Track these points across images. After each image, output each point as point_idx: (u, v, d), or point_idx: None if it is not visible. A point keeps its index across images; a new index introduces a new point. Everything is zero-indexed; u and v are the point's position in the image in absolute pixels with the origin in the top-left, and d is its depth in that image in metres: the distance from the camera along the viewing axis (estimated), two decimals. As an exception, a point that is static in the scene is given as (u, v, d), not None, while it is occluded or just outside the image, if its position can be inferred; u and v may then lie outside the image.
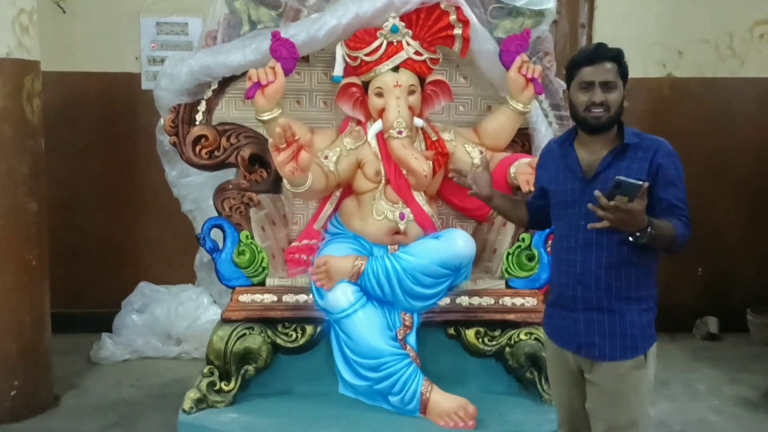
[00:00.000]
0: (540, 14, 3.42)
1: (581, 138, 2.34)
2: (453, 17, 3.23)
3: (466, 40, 3.26)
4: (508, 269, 3.29)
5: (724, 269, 5.18)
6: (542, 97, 3.48)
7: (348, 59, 3.28)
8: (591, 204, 2.05)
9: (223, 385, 3.19)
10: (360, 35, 3.22)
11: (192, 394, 3.17)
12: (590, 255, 2.25)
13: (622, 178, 2.02)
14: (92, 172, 4.89)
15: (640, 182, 2.01)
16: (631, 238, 2.10)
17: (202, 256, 3.78)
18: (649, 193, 2.10)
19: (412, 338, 3.21)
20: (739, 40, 5.03)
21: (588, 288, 2.26)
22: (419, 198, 3.30)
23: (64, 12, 4.72)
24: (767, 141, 5.05)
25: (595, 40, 4.93)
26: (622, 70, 2.28)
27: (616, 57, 2.27)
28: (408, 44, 3.23)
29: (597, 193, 2.02)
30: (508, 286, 3.31)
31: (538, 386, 3.26)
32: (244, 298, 3.21)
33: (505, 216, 2.77)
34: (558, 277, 2.36)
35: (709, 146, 5.01)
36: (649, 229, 2.06)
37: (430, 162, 3.24)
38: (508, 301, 3.29)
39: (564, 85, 3.57)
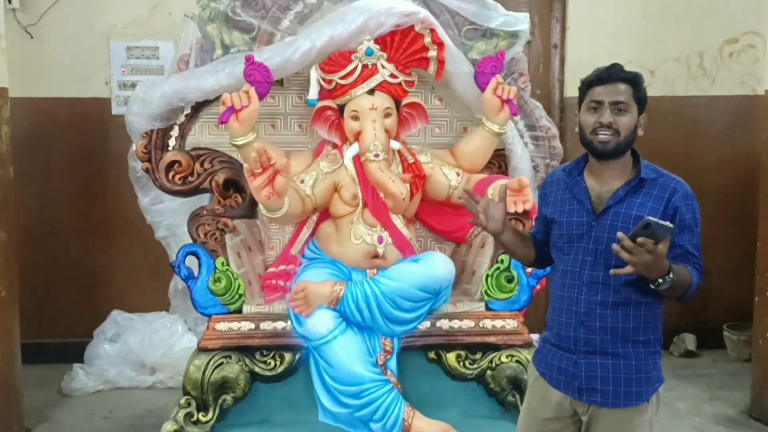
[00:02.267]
0: (514, 35, 3.42)
1: (591, 166, 2.22)
2: (427, 39, 3.23)
3: (441, 62, 3.25)
4: (488, 291, 3.27)
5: (701, 286, 5.17)
6: (518, 117, 3.47)
7: (323, 82, 3.26)
8: (615, 245, 1.89)
9: (200, 415, 3.12)
10: (334, 58, 3.20)
11: (168, 426, 3.09)
12: (596, 294, 2.13)
13: (652, 219, 1.87)
14: (63, 200, 4.81)
15: (671, 225, 1.89)
16: (652, 285, 1.97)
17: (176, 283, 3.73)
18: None
19: (392, 363, 3.17)
20: (709, 59, 5.10)
21: (592, 330, 2.14)
22: (397, 221, 3.27)
23: (32, 37, 4.66)
24: (739, 158, 5.11)
25: (568, 60, 5.02)
26: (638, 95, 2.16)
27: (632, 79, 2.16)
28: (383, 67, 3.21)
29: (620, 234, 1.88)
30: (487, 308, 3.28)
31: (521, 409, 3.23)
32: (221, 326, 3.15)
33: (510, 253, 2.57)
34: (558, 314, 2.23)
35: (681, 163, 4.99)
36: (671, 275, 1.94)
37: (408, 185, 3.21)
38: (488, 323, 3.26)
39: (539, 105, 3.60)
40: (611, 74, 2.15)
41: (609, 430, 2.15)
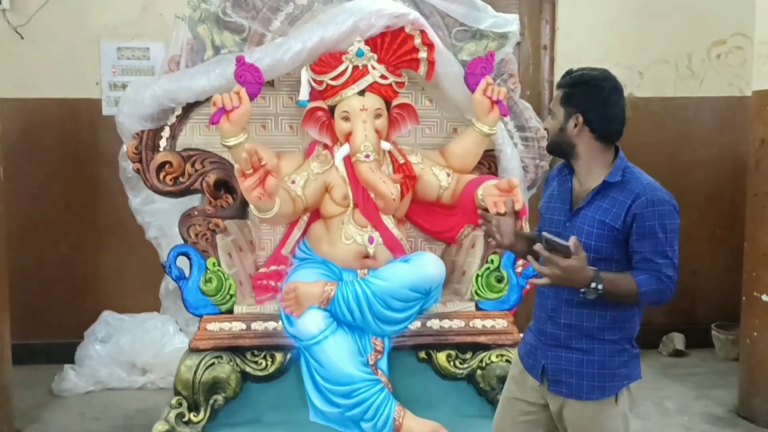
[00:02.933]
0: (504, 37, 3.44)
1: (576, 167, 2.28)
2: (418, 41, 3.24)
3: (431, 63, 3.27)
4: (478, 291, 3.29)
5: (689, 286, 5.22)
6: (507, 118, 3.50)
7: (313, 83, 3.27)
8: (530, 256, 2.03)
9: (191, 416, 3.13)
10: (325, 59, 3.21)
11: (160, 427, 3.10)
12: (563, 291, 2.19)
13: (548, 236, 1.98)
14: (53, 200, 4.80)
15: (567, 243, 1.96)
16: (580, 294, 2.06)
17: (167, 283, 3.73)
18: (625, 242, 2.10)
19: (383, 363, 3.18)
20: (697, 60, 5.13)
21: (557, 325, 2.22)
22: (388, 221, 3.28)
23: (22, 38, 4.65)
24: (727, 159, 5.15)
25: (557, 61, 5.05)
26: (566, 97, 2.22)
27: (564, 84, 2.25)
28: (373, 68, 3.23)
29: (536, 246, 2.00)
30: (477, 308, 3.30)
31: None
32: (212, 326, 3.16)
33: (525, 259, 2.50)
34: (535, 307, 2.35)
35: (670, 164, 5.09)
36: (597, 285, 2.01)
37: (398, 185, 3.23)
38: (478, 323, 3.28)
39: (529, 106, 3.63)
40: (560, 81, 2.28)
41: (577, 420, 2.22)
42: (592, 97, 2.19)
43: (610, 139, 2.22)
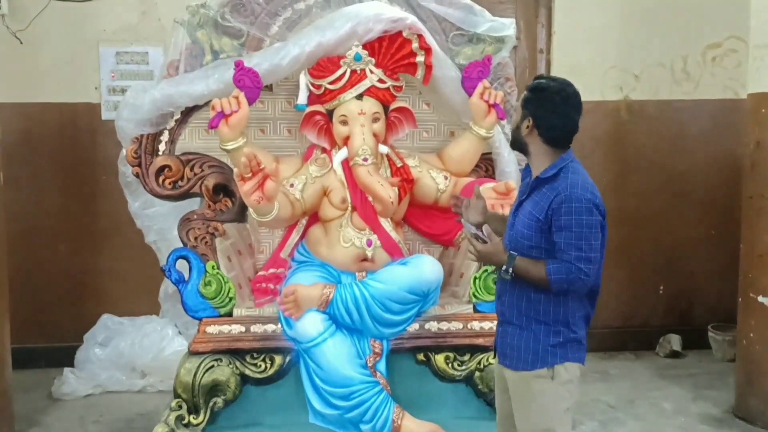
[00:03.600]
0: (500, 41, 3.47)
1: None
2: (415, 45, 3.27)
3: (428, 67, 3.29)
4: (476, 293, 3.31)
5: (686, 287, 5.26)
6: (504, 122, 3.51)
7: (312, 87, 3.29)
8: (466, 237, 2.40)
9: (191, 418, 3.15)
10: (323, 64, 3.24)
11: (160, 429, 3.12)
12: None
13: (462, 220, 2.41)
14: (52, 204, 4.81)
15: (476, 232, 2.39)
16: (500, 274, 2.38)
17: (166, 287, 3.74)
18: (549, 233, 2.33)
19: (382, 365, 3.20)
20: (693, 64, 5.15)
21: (503, 304, 2.47)
22: (386, 224, 3.30)
23: (21, 42, 4.66)
24: (722, 160, 5.17)
25: (554, 65, 5.06)
26: (526, 101, 2.43)
27: (528, 87, 2.45)
28: (371, 72, 3.25)
29: (464, 233, 2.36)
30: (475, 310, 3.32)
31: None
32: (212, 329, 3.17)
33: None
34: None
35: (666, 166, 5.12)
36: (508, 269, 2.33)
37: (396, 188, 3.25)
38: (476, 325, 3.30)
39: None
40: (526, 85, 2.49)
41: (515, 391, 2.46)
42: (543, 105, 2.40)
43: (556, 144, 2.41)
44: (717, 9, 5.08)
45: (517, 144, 2.50)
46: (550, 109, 2.37)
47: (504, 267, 2.33)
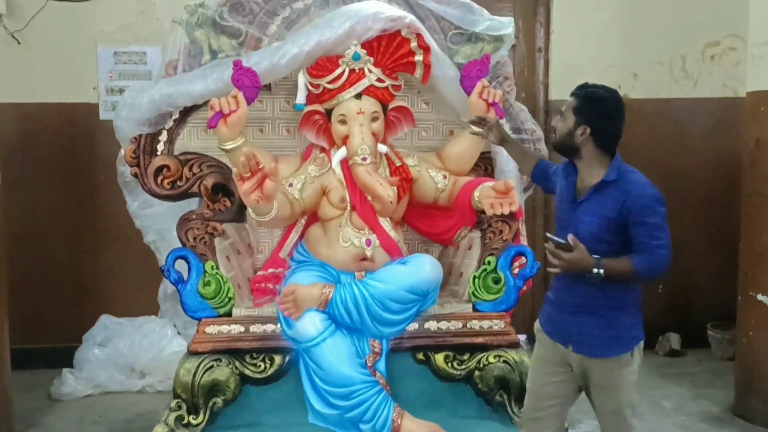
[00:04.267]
0: (499, 39, 3.47)
1: (580, 163, 2.62)
2: (414, 44, 3.26)
3: (427, 66, 3.29)
4: (475, 293, 3.31)
5: (685, 286, 5.26)
6: (503, 120, 3.51)
7: (310, 87, 3.29)
8: (547, 249, 2.45)
9: (191, 418, 3.14)
10: (322, 63, 3.23)
11: (159, 429, 3.11)
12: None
13: (550, 236, 2.43)
14: (51, 204, 4.80)
15: (565, 241, 2.41)
16: (585, 278, 2.45)
17: (165, 287, 3.73)
18: (624, 229, 2.47)
19: (381, 365, 3.20)
20: (691, 62, 5.15)
21: (579, 295, 2.54)
22: (385, 224, 3.30)
23: (19, 43, 4.66)
24: (722, 159, 5.17)
25: (552, 63, 5.07)
26: (578, 107, 2.54)
27: (577, 94, 2.58)
28: (370, 71, 3.25)
29: (546, 245, 2.43)
30: (475, 309, 3.32)
31: (508, 409, 3.27)
32: (211, 329, 3.17)
33: (514, 160, 3.22)
34: (556, 280, 2.65)
35: (665, 165, 5.11)
36: (598, 270, 2.41)
37: (395, 188, 3.24)
38: (475, 324, 3.29)
39: (524, 108, 3.65)
40: (573, 90, 2.60)
41: (600, 377, 2.57)
42: (601, 115, 2.54)
43: (610, 149, 2.57)
44: (715, 7, 5.08)
45: (567, 148, 2.61)
46: (607, 118, 2.54)
47: (594, 271, 2.42)
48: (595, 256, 2.44)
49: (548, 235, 2.44)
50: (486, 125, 3.11)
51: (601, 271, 2.42)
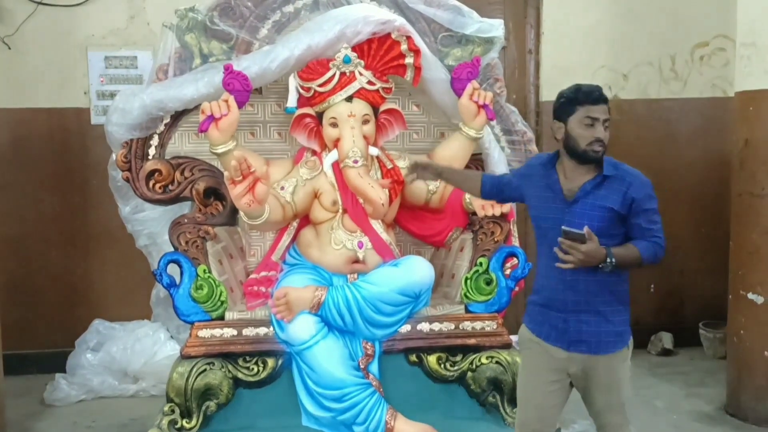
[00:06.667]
0: (489, 42, 3.48)
1: (565, 164, 2.58)
2: (404, 47, 3.27)
3: (417, 68, 3.30)
4: (467, 294, 3.32)
5: (676, 285, 5.29)
6: (494, 122, 3.53)
7: (301, 90, 3.29)
8: (556, 248, 2.42)
9: (184, 422, 3.14)
10: (313, 66, 3.24)
11: (153, 433, 3.11)
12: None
13: (566, 228, 2.39)
14: (43, 209, 4.79)
15: (582, 231, 2.38)
16: (599, 269, 2.45)
17: (158, 291, 3.74)
18: (625, 219, 2.50)
19: (374, 367, 3.21)
20: (681, 63, 5.18)
21: (578, 293, 2.53)
22: (377, 226, 3.31)
23: (9, 48, 4.64)
24: (711, 159, 5.19)
25: (543, 65, 5.08)
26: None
27: (608, 101, 2.57)
28: (360, 74, 3.26)
29: (561, 240, 2.40)
30: (467, 310, 3.33)
31: (501, 410, 3.28)
32: (204, 333, 3.17)
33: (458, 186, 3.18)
34: (547, 280, 2.60)
35: (655, 165, 5.09)
36: (608, 260, 2.42)
37: (387, 190, 3.25)
38: (468, 325, 3.31)
39: (515, 109, 3.65)
40: (601, 96, 2.53)
41: (600, 373, 2.57)
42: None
43: None
44: (704, 8, 5.11)
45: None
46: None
47: (607, 260, 2.43)
48: (606, 246, 2.46)
49: (565, 228, 2.40)
50: (417, 168, 2.99)
51: (613, 260, 2.44)
